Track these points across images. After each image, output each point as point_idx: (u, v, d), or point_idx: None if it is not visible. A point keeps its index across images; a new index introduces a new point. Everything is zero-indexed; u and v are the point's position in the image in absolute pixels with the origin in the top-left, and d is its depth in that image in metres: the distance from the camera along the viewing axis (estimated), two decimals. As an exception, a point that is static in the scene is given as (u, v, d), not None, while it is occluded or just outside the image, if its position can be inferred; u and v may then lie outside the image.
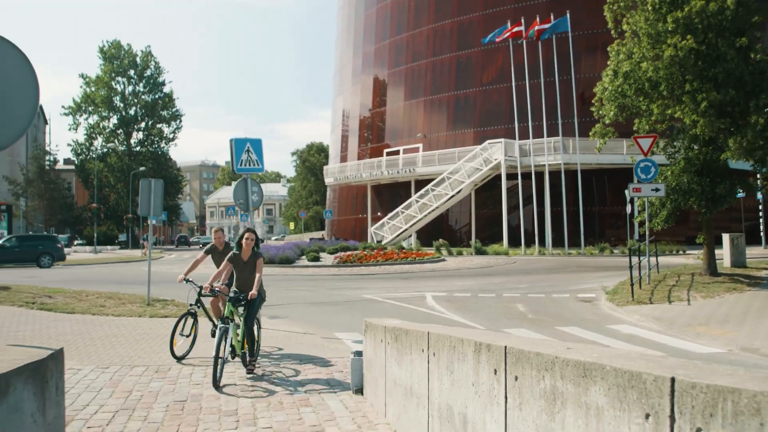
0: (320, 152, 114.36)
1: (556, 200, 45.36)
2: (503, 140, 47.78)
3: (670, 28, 18.24)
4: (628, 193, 20.43)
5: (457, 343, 4.74)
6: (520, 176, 46.89)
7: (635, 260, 19.12)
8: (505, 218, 47.26)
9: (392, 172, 56.76)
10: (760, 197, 40.51)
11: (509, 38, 46.15)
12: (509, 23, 46.20)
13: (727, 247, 24.53)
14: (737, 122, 19.30)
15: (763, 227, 44.12)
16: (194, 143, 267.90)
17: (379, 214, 58.05)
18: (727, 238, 24.62)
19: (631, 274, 17.74)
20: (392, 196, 58.51)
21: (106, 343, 12.05)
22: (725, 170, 20.68)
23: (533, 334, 13.04)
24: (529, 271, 30.52)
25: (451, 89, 57.38)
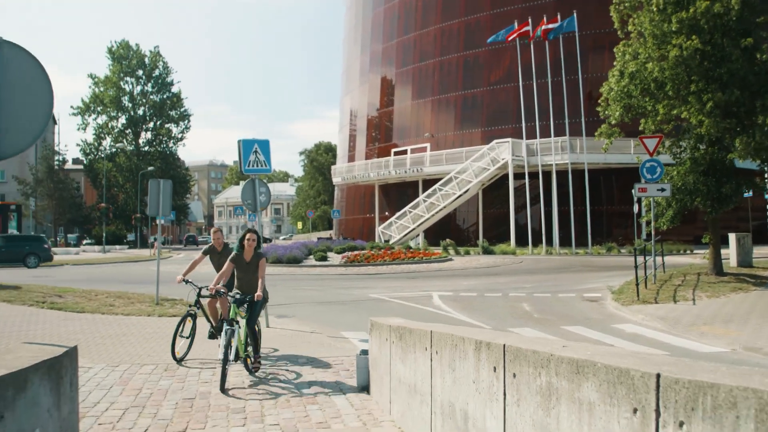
0: (328, 152, 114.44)
1: (563, 200, 45.42)
2: (511, 140, 47.84)
3: (674, 28, 18.28)
4: (635, 192, 20.47)
5: (458, 341, 4.86)
6: (527, 176, 46.90)
7: (641, 260, 19.20)
8: (512, 218, 47.30)
9: (400, 171, 56.85)
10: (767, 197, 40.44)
11: (516, 38, 46.23)
12: (516, 23, 46.27)
13: (733, 246, 24.53)
14: (743, 122, 19.32)
15: (770, 227, 44.10)
16: (202, 143, 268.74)
17: (386, 213, 58.18)
18: (733, 237, 24.61)
19: (636, 273, 17.79)
20: (400, 195, 58.61)
21: (115, 341, 12.20)
22: (731, 170, 20.69)
23: (538, 333, 13.13)
24: (535, 270, 30.59)
25: (458, 89, 57.44)
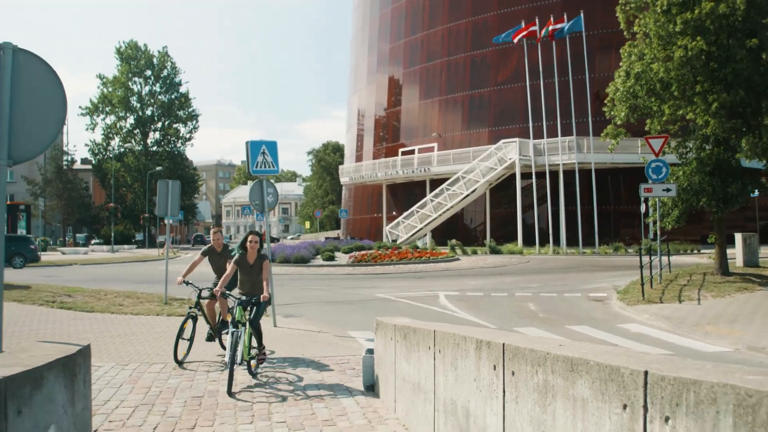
0: (336, 151, 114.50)
1: (570, 199, 45.42)
2: (518, 140, 47.89)
3: (679, 29, 18.32)
4: (641, 192, 20.52)
5: (460, 340, 4.98)
6: (534, 175, 46.94)
7: (647, 260, 19.25)
8: (519, 217, 47.32)
9: (407, 171, 56.96)
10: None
11: (523, 38, 46.28)
12: (523, 23, 46.32)
13: (739, 246, 24.55)
14: (749, 122, 19.36)
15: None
16: (210, 142, 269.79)
17: (394, 213, 58.33)
18: (739, 237, 24.63)
19: (641, 273, 17.86)
20: (407, 195, 58.69)
21: (125, 340, 12.37)
22: (737, 170, 20.69)
23: (543, 332, 13.23)
24: (542, 270, 30.65)
25: (465, 89, 57.49)
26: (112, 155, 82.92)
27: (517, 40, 46.61)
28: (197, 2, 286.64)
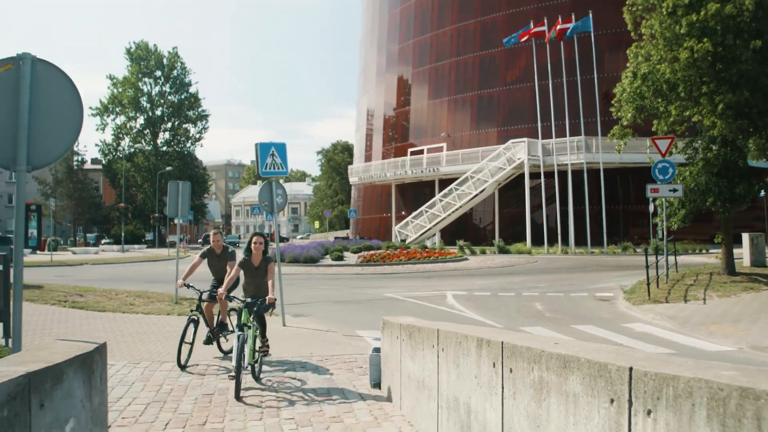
0: (345, 151, 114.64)
1: (578, 199, 45.40)
2: (526, 140, 48.00)
3: (684, 31, 18.38)
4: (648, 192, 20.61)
5: (462, 339, 5.14)
6: (543, 175, 47.01)
7: (653, 260, 19.35)
8: (528, 217, 47.38)
9: (416, 171, 57.10)
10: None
11: (531, 38, 46.33)
12: (532, 23, 46.38)
13: (746, 246, 24.59)
14: (756, 123, 19.41)
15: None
16: (220, 142, 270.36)
17: (403, 213, 58.46)
18: (746, 237, 24.66)
19: (647, 273, 17.96)
20: (416, 195, 58.82)
21: (136, 339, 12.57)
22: (744, 170, 20.73)
23: (549, 332, 13.35)
24: (550, 270, 30.74)
25: (474, 89, 57.59)
26: (122, 155, 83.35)
27: (525, 39, 46.69)
28: (207, 3, 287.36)
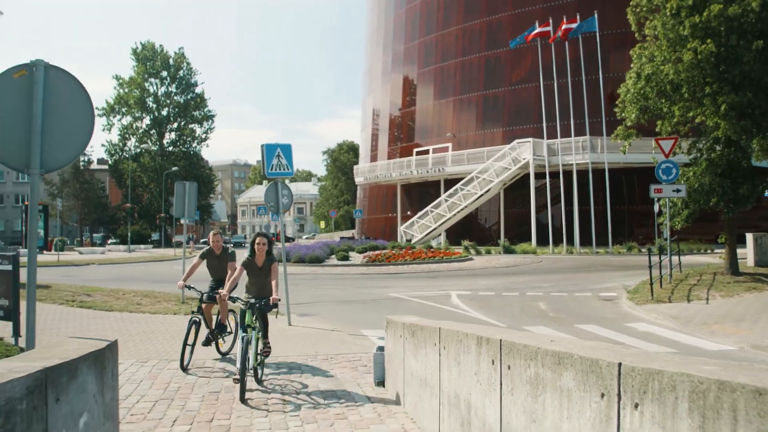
0: (350, 151, 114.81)
1: (584, 199, 45.48)
2: (531, 140, 48.08)
3: (687, 32, 18.42)
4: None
5: (462, 337, 5.28)
6: (548, 175, 47.10)
7: (657, 260, 19.41)
8: (533, 217, 47.49)
9: (422, 171, 57.23)
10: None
11: (537, 38, 46.41)
12: (537, 24, 46.47)
13: (750, 246, 24.60)
14: (759, 124, 19.46)
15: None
16: (226, 142, 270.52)
17: (408, 213, 58.56)
18: (750, 237, 24.68)
19: (650, 273, 18.03)
20: (422, 195, 58.96)
21: (144, 339, 12.72)
22: (748, 171, 20.74)
23: (552, 331, 13.45)
24: (554, 270, 30.82)
25: (480, 89, 57.68)
26: (128, 155, 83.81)
27: (530, 40, 46.78)
28: (213, 3, 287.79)
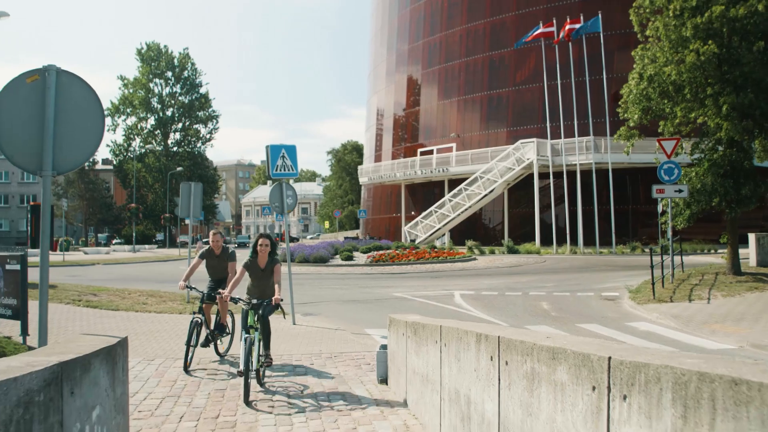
0: (355, 151, 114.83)
1: (587, 199, 45.49)
2: (535, 140, 48.11)
3: (689, 34, 18.50)
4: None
5: (462, 334, 5.42)
6: (552, 175, 47.21)
7: (659, 260, 19.50)
8: (537, 217, 47.53)
9: (426, 171, 57.34)
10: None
11: (540, 38, 46.49)
12: (541, 24, 46.56)
13: (753, 246, 24.63)
14: (761, 124, 19.54)
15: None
16: (230, 142, 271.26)
17: (412, 213, 58.71)
18: (753, 237, 24.72)
19: (652, 273, 18.11)
20: (426, 195, 59.08)
21: (150, 337, 12.88)
22: (750, 171, 20.78)
23: (553, 330, 13.56)
24: (557, 270, 30.90)
25: (484, 89, 57.75)
26: (133, 156, 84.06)
27: (533, 39, 46.87)
28: (217, 4, 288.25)
